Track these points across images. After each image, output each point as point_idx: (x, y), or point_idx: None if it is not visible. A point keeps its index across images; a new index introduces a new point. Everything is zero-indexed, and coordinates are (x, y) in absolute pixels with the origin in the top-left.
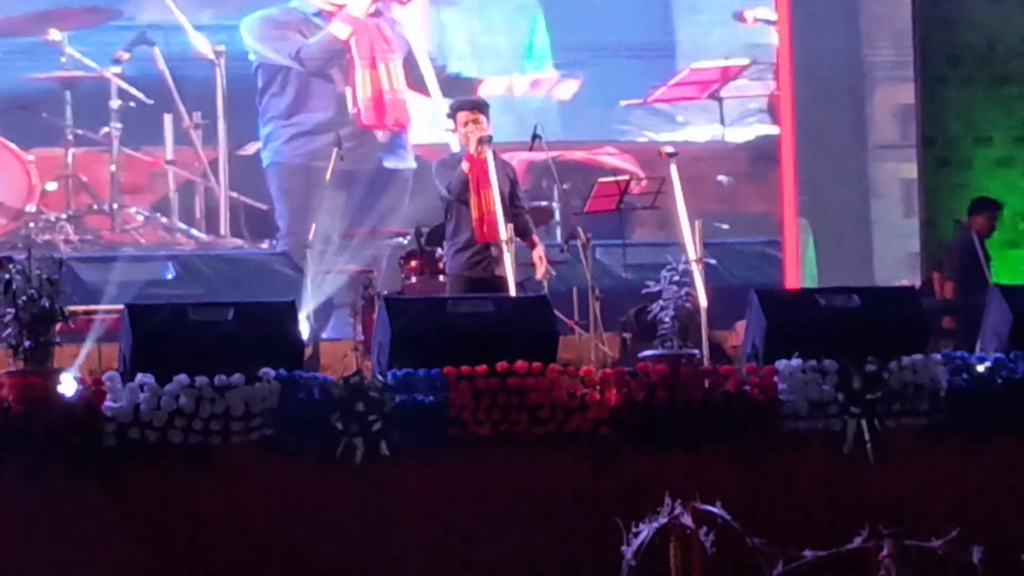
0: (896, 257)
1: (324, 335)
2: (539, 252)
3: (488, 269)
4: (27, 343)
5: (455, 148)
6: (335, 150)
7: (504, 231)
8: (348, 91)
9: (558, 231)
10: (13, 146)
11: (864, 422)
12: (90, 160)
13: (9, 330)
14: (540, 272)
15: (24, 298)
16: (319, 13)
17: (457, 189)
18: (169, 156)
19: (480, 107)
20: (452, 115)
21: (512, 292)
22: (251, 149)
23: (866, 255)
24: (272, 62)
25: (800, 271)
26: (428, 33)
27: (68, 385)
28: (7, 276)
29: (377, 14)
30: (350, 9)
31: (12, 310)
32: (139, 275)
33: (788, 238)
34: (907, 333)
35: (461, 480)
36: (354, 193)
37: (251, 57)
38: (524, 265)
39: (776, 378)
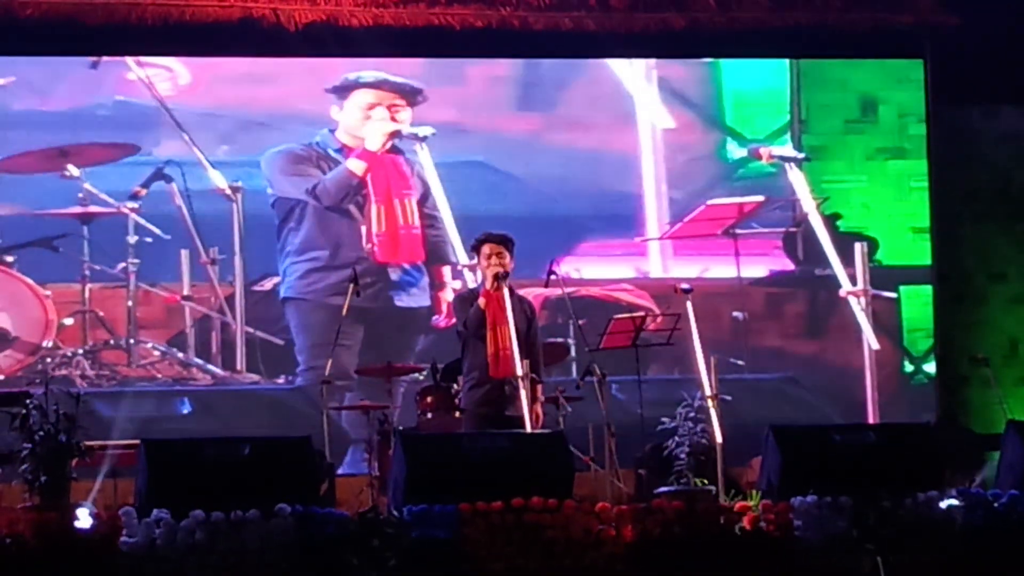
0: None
1: (340, 471)
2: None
3: (501, 406)
4: (43, 478)
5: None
6: (351, 286)
7: (520, 367)
8: (363, 227)
9: (574, 367)
10: (30, 281)
11: (879, 558)
12: (107, 295)
13: (25, 465)
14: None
15: (41, 433)
16: (341, 149)
17: (474, 324)
18: (186, 291)
19: (506, 242)
20: (477, 247)
21: (528, 428)
22: (267, 284)
23: None
24: (288, 196)
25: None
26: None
27: (84, 520)
28: (24, 411)
29: (395, 151)
30: (367, 145)
31: (29, 445)
32: (155, 410)
33: None
34: (922, 470)
35: None
36: (370, 329)
37: (268, 191)
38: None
39: (791, 514)
